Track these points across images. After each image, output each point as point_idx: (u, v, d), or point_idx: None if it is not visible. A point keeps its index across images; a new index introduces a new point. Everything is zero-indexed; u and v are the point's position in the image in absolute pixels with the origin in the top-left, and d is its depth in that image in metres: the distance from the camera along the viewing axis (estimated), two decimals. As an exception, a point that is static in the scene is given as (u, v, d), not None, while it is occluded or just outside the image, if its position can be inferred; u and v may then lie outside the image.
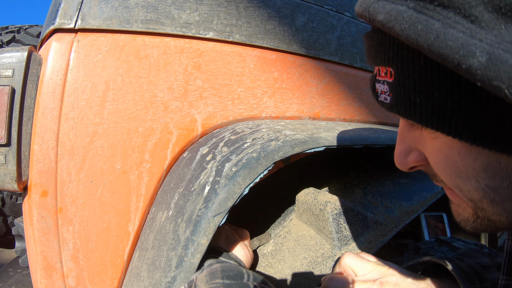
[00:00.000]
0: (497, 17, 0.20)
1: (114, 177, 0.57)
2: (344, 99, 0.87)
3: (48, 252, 0.54)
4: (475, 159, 0.27)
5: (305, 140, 0.54)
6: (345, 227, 0.62)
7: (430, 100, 0.25)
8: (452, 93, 0.24)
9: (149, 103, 0.60)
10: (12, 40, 1.96)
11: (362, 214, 0.64)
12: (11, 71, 0.52)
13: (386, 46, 0.28)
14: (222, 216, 0.46)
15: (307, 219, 0.67)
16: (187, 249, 0.46)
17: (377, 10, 0.26)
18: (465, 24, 0.21)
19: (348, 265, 0.48)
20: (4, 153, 0.52)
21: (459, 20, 0.21)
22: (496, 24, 0.20)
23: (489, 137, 0.24)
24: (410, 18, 0.23)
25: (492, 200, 0.28)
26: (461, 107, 0.24)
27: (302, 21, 0.79)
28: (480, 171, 0.27)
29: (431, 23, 0.22)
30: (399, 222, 0.68)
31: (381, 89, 0.30)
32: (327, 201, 0.64)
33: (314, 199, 0.66)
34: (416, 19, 0.23)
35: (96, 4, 0.57)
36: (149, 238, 0.55)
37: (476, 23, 0.21)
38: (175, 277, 0.45)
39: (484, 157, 0.26)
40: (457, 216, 0.35)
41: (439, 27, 0.22)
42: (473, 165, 0.27)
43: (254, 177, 0.49)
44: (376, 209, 0.69)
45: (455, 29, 0.21)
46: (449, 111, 0.24)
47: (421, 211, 0.73)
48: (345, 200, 0.66)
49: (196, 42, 0.65)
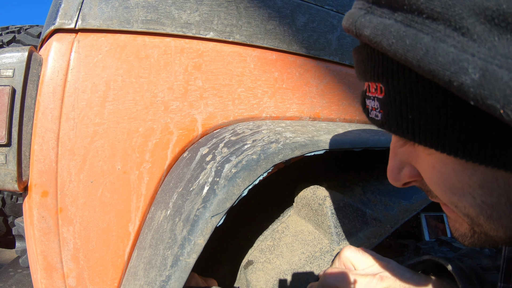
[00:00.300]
0: (490, 28, 0.19)
1: (114, 177, 0.57)
2: (345, 99, 0.87)
3: (48, 252, 0.54)
4: (471, 175, 0.26)
5: (305, 143, 0.54)
6: (344, 222, 0.62)
7: (422, 116, 0.24)
8: (446, 108, 0.23)
9: (150, 103, 0.60)
10: (12, 40, 1.96)
11: (361, 210, 0.64)
12: (12, 71, 0.52)
13: (375, 61, 0.27)
14: (220, 217, 0.47)
15: (305, 215, 0.67)
16: (183, 248, 0.46)
17: (363, 24, 0.25)
18: (456, 37, 0.20)
19: (348, 258, 0.47)
20: (5, 153, 0.52)
21: (450, 33, 0.20)
22: (489, 36, 0.19)
23: (486, 153, 0.23)
24: (398, 32, 0.22)
25: (489, 217, 0.27)
26: (455, 123, 0.23)
27: (303, 21, 0.79)
28: (476, 188, 0.26)
29: (420, 37, 0.21)
30: (398, 220, 0.68)
31: (371, 106, 0.29)
32: (326, 195, 0.64)
33: (313, 194, 0.66)
34: (404, 33, 0.22)
35: (96, 5, 0.57)
36: (147, 237, 0.55)
37: (467, 36, 0.19)
38: (169, 276, 0.45)
39: (480, 173, 0.25)
40: (455, 232, 0.34)
41: (429, 41, 0.21)
42: (469, 182, 0.26)
43: (254, 179, 0.49)
44: (375, 207, 0.69)
45: (445, 43, 0.20)
46: (443, 127, 0.23)
47: (420, 209, 0.73)
48: (344, 196, 0.66)
49: (197, 42, 0.65)
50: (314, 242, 0.62)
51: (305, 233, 0.65)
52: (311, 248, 0.62)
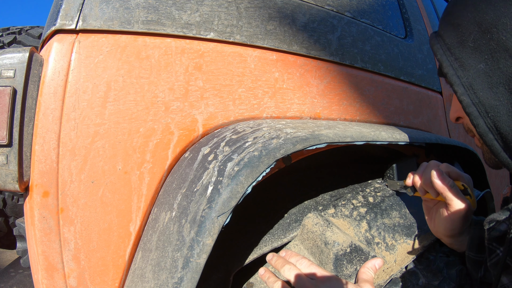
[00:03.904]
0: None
1: (115, 178, 0.57)
2: (345, 99, 0.87)
3: (49, 252, 0.54)
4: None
5: (306, 137, 0.54)
6: (347, 267, 0.62)
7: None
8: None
9: (150, 103, 0.60)
10: (13, 41, 1.97)
11: (365, 254, 0.64)
12: (13, 72, 0.52)
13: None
14: (226, 216, 0.47)
15: (310, 247, 0.66)
16: (192, 249, 0.46)
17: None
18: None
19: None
20: (6, 154, 0.52)
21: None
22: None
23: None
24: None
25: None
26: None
27: (303, 21, 0.79)
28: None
29: None
30: (396, 266, 0.68)
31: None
32: (335, 241, 0.63)
33: (321, 233, 0.65)
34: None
35: (97, 5, 0.57)
36: (152, 239, 0.55)
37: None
38: (182, 277, 0.45)
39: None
40: (483, 157, 0.55)
41: None
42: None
43: (257, 176, 0.49)
44: (378, 245, 0.69)
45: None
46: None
47: (421, 253, 0.74)
48: (352, 239, 0.65)
49: (197, 43, 0.65)
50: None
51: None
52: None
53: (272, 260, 0.61)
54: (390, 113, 0.99)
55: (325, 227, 0.66)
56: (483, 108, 0.44)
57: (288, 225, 0.70)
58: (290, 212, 0.73)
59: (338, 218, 0.72)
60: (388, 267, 0.67)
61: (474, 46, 0.44)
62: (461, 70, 0.45)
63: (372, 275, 0.58)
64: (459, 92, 0.46)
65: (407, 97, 1.05)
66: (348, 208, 0.75)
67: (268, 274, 0.59)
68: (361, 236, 0.69)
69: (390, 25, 1.07)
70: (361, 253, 0.64)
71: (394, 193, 0.83)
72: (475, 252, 0.59)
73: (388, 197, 0.81)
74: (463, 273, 0.68)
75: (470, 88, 0.45)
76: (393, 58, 1.00)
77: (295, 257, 0.60)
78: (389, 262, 0.67)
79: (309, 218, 0.69)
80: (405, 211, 0.79)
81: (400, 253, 0.69)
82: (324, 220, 0.68)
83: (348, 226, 0.70)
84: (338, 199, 0.78)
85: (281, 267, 0.57)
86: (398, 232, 0.73)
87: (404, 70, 1.04)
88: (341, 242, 0.63)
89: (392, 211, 0.77)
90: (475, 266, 0.59)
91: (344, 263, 0.61)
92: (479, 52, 0.43)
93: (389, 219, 0.75)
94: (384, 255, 0.68)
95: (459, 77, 0.46)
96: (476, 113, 0.45)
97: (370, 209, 0.76)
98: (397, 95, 1.01)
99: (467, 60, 0.45)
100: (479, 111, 0.44)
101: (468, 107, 0.45)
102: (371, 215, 0.74)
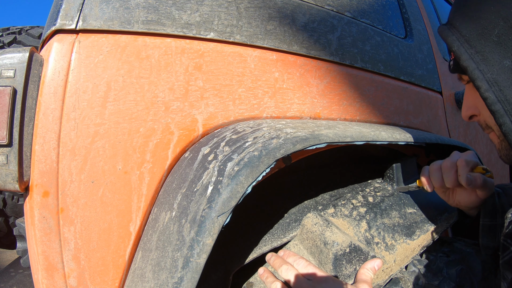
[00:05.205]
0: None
1: (115, 178, 0.57)
2: (345, 99, 0.87)
3: (49, 252, 0.54)
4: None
5: (306, 137, 0.54)
6: (346, 266, 0.62)
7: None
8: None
9: (150, 103, 0.60)
10: (13, 41, 1.97)
11: (365, 254, 0.64)
12: (13, 72, 0.52)
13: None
14: (226, 216, 0.47)
15: (309, 247, 0.66)
16: (192, 249, 0.46)
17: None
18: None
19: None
20: (6, 154, 0.52)
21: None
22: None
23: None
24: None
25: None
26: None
27: (303, 21, 0.79)
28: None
29: None
30: (395, 266, 0.69)
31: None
32: (334, 241, 0.63)
33: (321, 233, 0.65)
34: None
35: (97, 5, 0.57)
36: (152, 239, 0.55)
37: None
38: (182, 277, 0.45)
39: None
40: (497, 151, 0.52)
41: None
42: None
43: (257, 176, 0.49)
44: (377, 245, 0.69)
45: None
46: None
47: (421, 252, 0.74)
48: (351, 239, 0.65)
49: (197, 43, 0.65)
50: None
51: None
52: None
53: (270, 260, 0.61)
54: (390, 113, 0.99)
55: (324, 227, 0.66)
56: (510, 107, 0.41)
57: (287, 225, 0.70)
58: (290, 212, 0.73)
59: (338, 218, 0.72)
60: (387, 267, 0.67)
61: (499, 41, 0.41)
62: (484, 65, 0.43)
63: (371, 276, 0.58)
64: (483, 87, 0.43)
65: (407, 97, 1.05)
66: (348, 208, 0.75)
67: (267, 274, 0.59)
68: (361, 236, 0.69)
69: (390, 25, 1.07)
70: (360, 253, 0.64)
71: (394, 193, 0.83)
72: (489, 218, 0.62)
73: (388, 197, 0.81)
74: (463, 273, 0.68)
75: (495, 84, 0.42)
76: (393, 58, 1.00)
77: (292, 257, 0.59)
78: (388, 262, 0.67)
79: (308, 218, 0.69)
80: (405, 211, 0.79)
81: (400, 253, 0.69)
82: (324, 220, 0.68)
83: (348, 226, 0.70)
84: (338, 199, 0.78)
85: (278, 267, 0.57)
86: (398, 232, 0.73)
87: (404, 70, 1.04)
88: (341, 242, 0.63)
89: (392, 211, 0.77)
90: (490, 233, 0.62)
91: (343, 263, 0.61)
92: (505, 47, 0.41)
93: (388, 219, 0.75)
94: (384, 255, 0.68)
95: (482, 72, 0.43)
96: (502, 111, 0.42)
97: (370, 209, 0.76)
98: (397, 95, 1.01)
99: (491, 54, 0.42)
100: (505, 109, 0.42)
101: (494, 104, 0.42)
102: (370, 215, 0.74)
